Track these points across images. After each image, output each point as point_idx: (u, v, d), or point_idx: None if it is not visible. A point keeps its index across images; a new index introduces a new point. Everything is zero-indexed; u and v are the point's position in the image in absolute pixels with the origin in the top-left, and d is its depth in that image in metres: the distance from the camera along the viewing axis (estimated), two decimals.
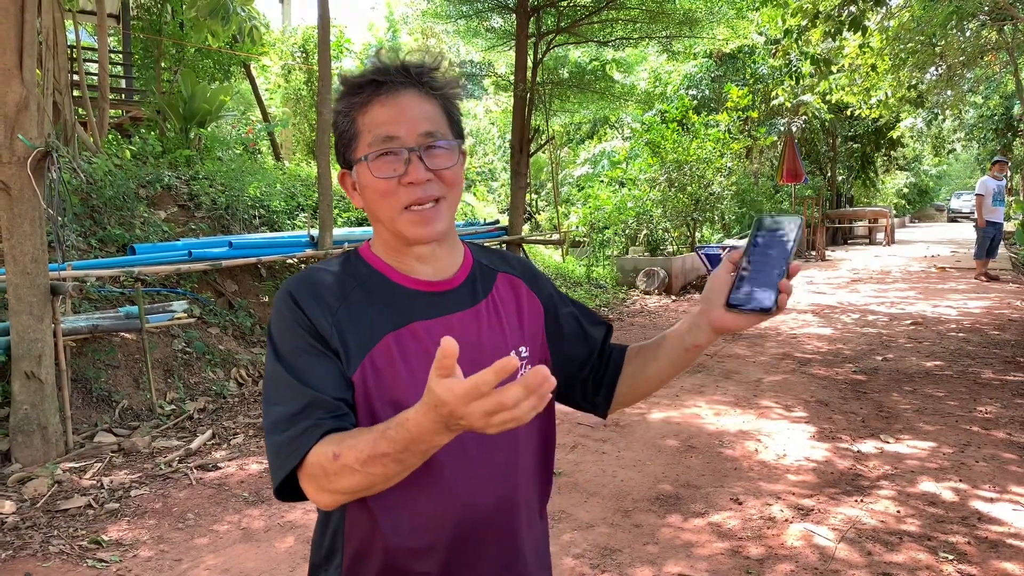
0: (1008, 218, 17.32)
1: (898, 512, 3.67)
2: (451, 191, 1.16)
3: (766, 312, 1.08)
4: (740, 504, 3.81)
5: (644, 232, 12.85)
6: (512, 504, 1.22)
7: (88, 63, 11.64)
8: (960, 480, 4.05)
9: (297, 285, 1.16)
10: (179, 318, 5.65)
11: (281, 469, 1.04)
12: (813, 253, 17.78)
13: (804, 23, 8.31)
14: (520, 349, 1.24)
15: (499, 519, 1.20)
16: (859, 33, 8.04)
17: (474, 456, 1.16)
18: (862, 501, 3.82)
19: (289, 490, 1.06)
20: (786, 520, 3.61)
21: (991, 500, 3.79)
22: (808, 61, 8.80)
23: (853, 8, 8.13)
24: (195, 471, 4.32)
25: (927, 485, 4.00)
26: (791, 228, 1.11)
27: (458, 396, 0.83)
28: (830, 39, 8.55)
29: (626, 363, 1.35)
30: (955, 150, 32.09)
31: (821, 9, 8.20)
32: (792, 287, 1.10)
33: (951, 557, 3.21)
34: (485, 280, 1.26)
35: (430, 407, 0.87)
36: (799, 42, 8.48)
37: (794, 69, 9.18)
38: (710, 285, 1.17)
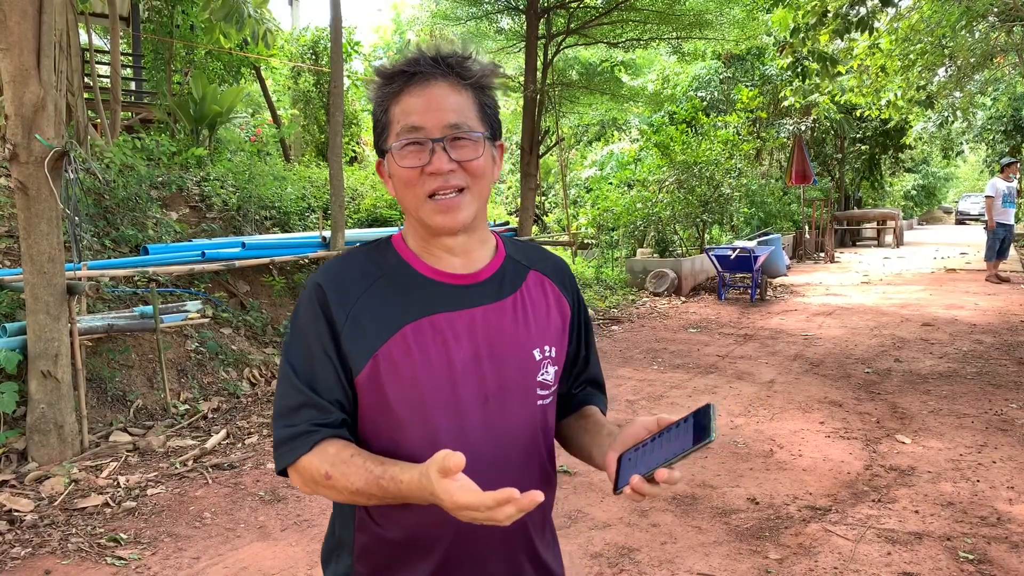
0: (1019, 219, 17.24)
1: (916, 512, 3.66)
2: (476, 181, 1.15)
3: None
4: (757, 504, 3.80)
5: (652, 233, 12.81)
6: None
7: (99, 65, 11.71)
8: (978, 481, 4.03)
9: (324, 275, 1.18)
10: (192, 318, 5.66)
11: (278, 462, 1.14)
12: (822, 255, 17.72)
13: (812, 21, 8.29)
14: (545, 348, 1.24)
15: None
16: (867, 33, 8.02)
17: (480, 452, 1.13)
18: (879, 501, 3.80)
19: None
20: (803, 520, 3.60)
21: (1010, 501, 3.77)
22: (816, 59, 8.78)
23: (862, 8, 8.11)
24: (210, 470, 4.33)
25: (945, 486, 3.99)
26: (699, 438, 1.02)
27: (457, 504, 0.92)
28: (838, 39, 8.53)
29: (577, 415, 1.36)
30: (963, 152, 31.99)
31: (830, 8, 8.18)
32: (672, 478, 1.02)
33: (972, 558, 3.19)
34: (515, 276, 1.25)
35: (424, 490, 0.96)
36: (806, 40, 8.45)
37: (801, 68, 9.13)
38: (625, 433, 1.14)
